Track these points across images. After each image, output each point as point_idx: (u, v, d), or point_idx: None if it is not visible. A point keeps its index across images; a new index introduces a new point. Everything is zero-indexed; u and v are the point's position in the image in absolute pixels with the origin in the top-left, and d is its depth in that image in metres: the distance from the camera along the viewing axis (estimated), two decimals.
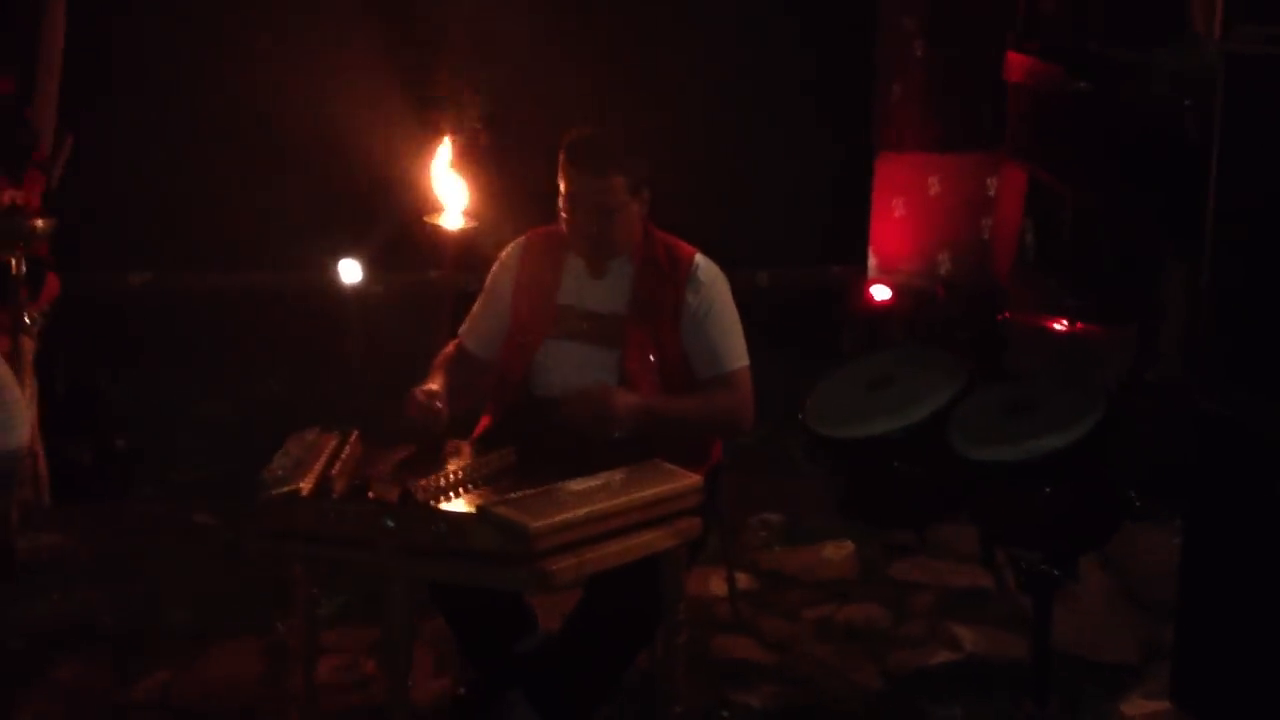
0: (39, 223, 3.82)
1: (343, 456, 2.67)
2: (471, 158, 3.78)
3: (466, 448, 2.77)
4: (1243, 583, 2.71)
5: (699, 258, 2.96)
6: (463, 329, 3.06)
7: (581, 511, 2.46)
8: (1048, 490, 2.62)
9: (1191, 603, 2.82)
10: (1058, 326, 4.63)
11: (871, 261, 5.39)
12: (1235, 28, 2.80)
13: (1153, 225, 4.06)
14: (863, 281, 5.34)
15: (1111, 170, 4.23)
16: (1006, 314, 4.91)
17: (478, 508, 2.45)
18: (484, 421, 2.99)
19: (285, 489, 2.55)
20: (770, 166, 5.45)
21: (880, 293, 5.25)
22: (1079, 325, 4.57)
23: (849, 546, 3.76)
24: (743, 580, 3.52)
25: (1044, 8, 5.03)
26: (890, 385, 2.89)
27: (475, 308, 3.07)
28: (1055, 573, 2.66)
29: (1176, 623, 2.85)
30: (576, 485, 2.54)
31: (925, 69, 5.33)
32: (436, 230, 3.71)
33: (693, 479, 2.64)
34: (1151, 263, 4.22)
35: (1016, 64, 5.00)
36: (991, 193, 5.31)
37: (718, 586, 3.45)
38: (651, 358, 2.89)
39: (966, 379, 2.86)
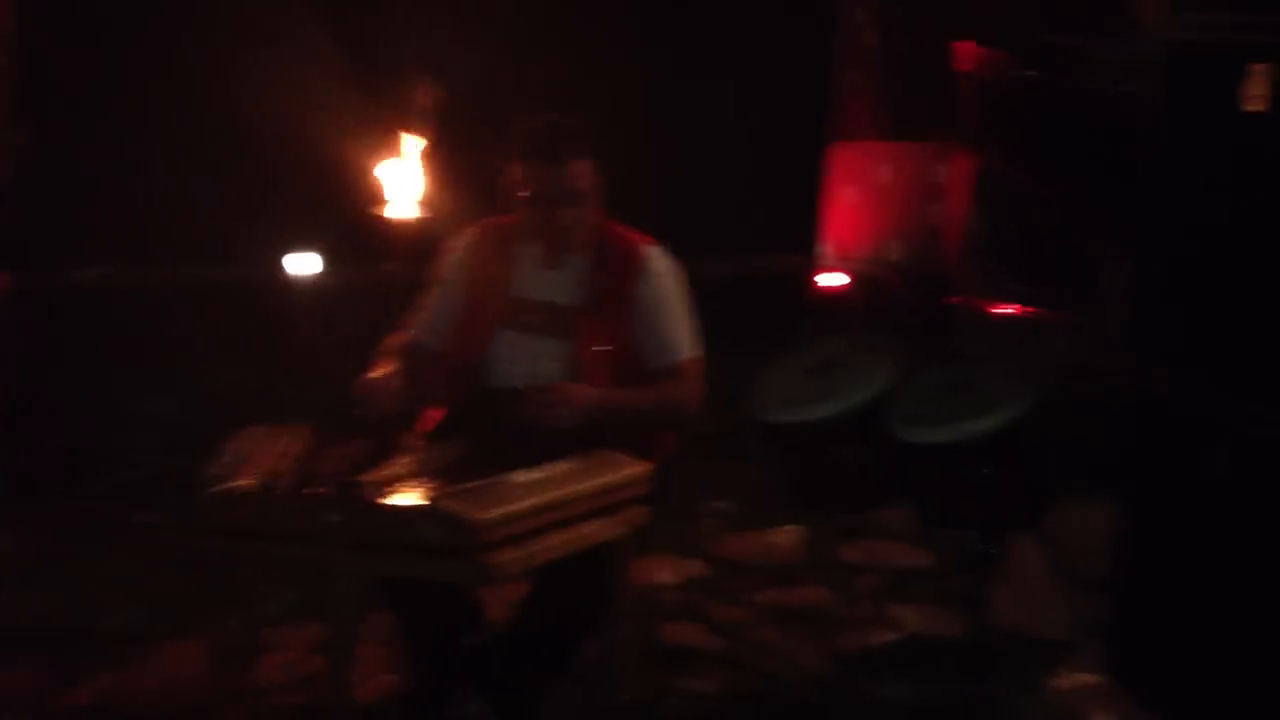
0: None
1: (291, 452, 2.66)
2: (424, 149, 3.78)
3: (417, 440, 2.77)
4: (1175, 559, 2.77)
5: (652, 248, 2.97)
6: (413, 321, 3.06)
7: (528, 503, 2.46)
8: (981, 471, 2.66)
9: (1126, 579, 2.88)
10: (1006, 312, 4.68)
11: (825, 249, 5.41)
12: (1178, 16, 2.84)
13: (1097, 211, 4.11)
14: (817, 269, 5.36)
15: (1057, 157, 4.28)
16: (956, 299, 4.96)
17: (422, 501, 2.45)
18: (436, 413, 2.99)
19: (228, 485, 2.54)
20: (725, 155, 5.46)
21: (834, 280, 5.27)
22: (1027, 310, 4.63)
23: (798, 531, 3.79)
24: (693, 567, 3.54)
25: None
26: (831, 371, 2.92)
27: (425, 299, 3.07)
28: (990, 551, 2.71)
29: (1112, 599, 2.91)
30: (523, 476, 2.54)
31: (878, 58, 5.35)
32: (386, 221, 3.72)
33: (640, 468, 2.65)
34: (1096, 248, 4.27)
35: (966, 53, 5.04)
36: (943, 180, 5.34)
37: (668, 574, 3.48)
38: (604, 349, 2.89)
39: (906, 363, 2.90)
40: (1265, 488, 2.59)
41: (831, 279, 5.24)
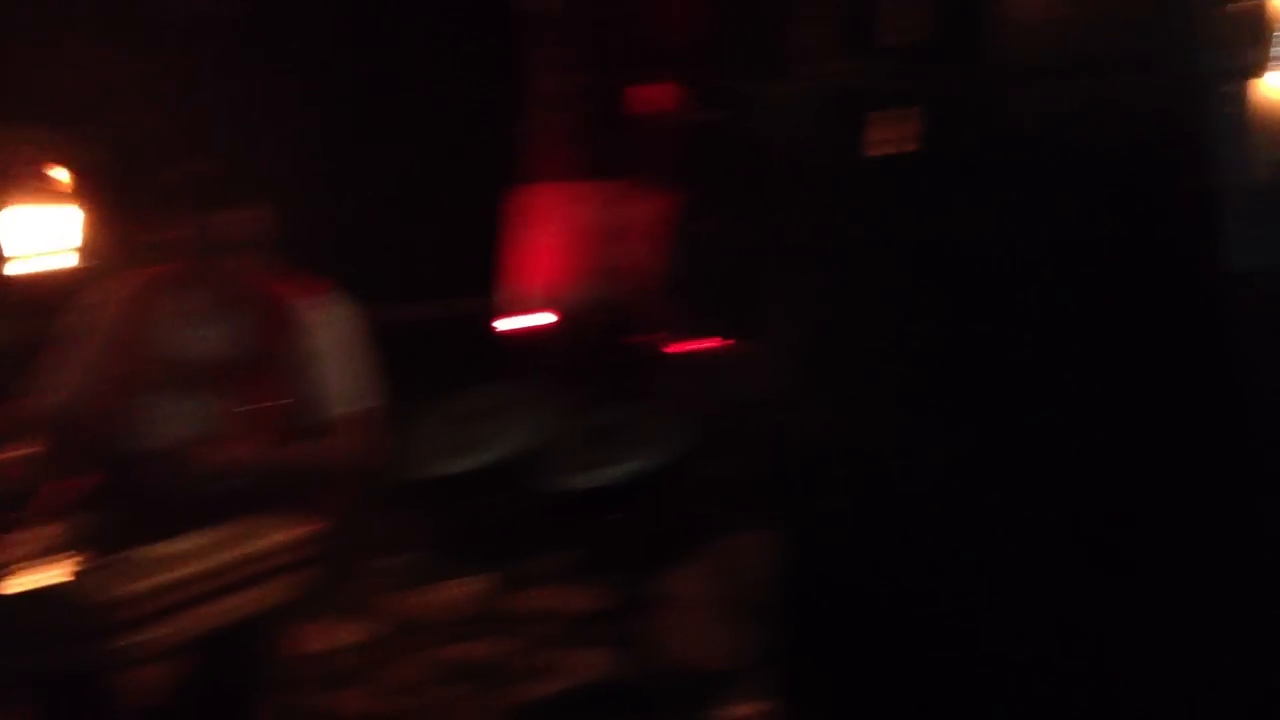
0: None
1: None
2: (73, 198, 3.55)
3: (56, 514, 2.57)
4: (836, 584, 2.87)
5: (319, 296, 2.87)
6: (51, 382, 2.83)
7: (172, 576, 2.33)
8: (640, 511, 2.69)
9: (791, 606, 2.97)
10: (696, 347, 4.79)
11: (519, 291, 5.41)
12: (824, 62, 2.97)
13: (772, 248, 4.25)
14: (511, 311, 5.35)
15: (735, 195, 4.43)
16: (649, 337, 5.04)
17: (51, 582, 2.27)
18: (79, 483, 2.78)
19: None
20: (412, 197, 5.39)
21: (528, 322, 5.28)
22: (714, 344, 4.74)
23: (474, 583, 3.76)
24: (368, 628, 3.45)
25: (674, 40, 5.21)
26: (486, 419, 2.91)
27: (65, 358, 2.85)
28: (656, 590, 2.74)
29: (777, 626, 2.99)
30: (170, 547, 2.40)
31: (568, 99, 5.41)
32: (22, 276, 3.46)
33: (298, 531, 2.55)
34: (774, 282, 4.42)
35: (652, 93, 5.18)
36: (635, 219, 5.44)
37: (341, 637, 3.37)
38: (266, 404, 2.77)
39: (562, 409, 2.91)
40: (923, 509, 2.71)
41: (523, 321, 5.24)
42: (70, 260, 3.15)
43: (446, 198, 5.41)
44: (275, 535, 2.52)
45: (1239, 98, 2.62)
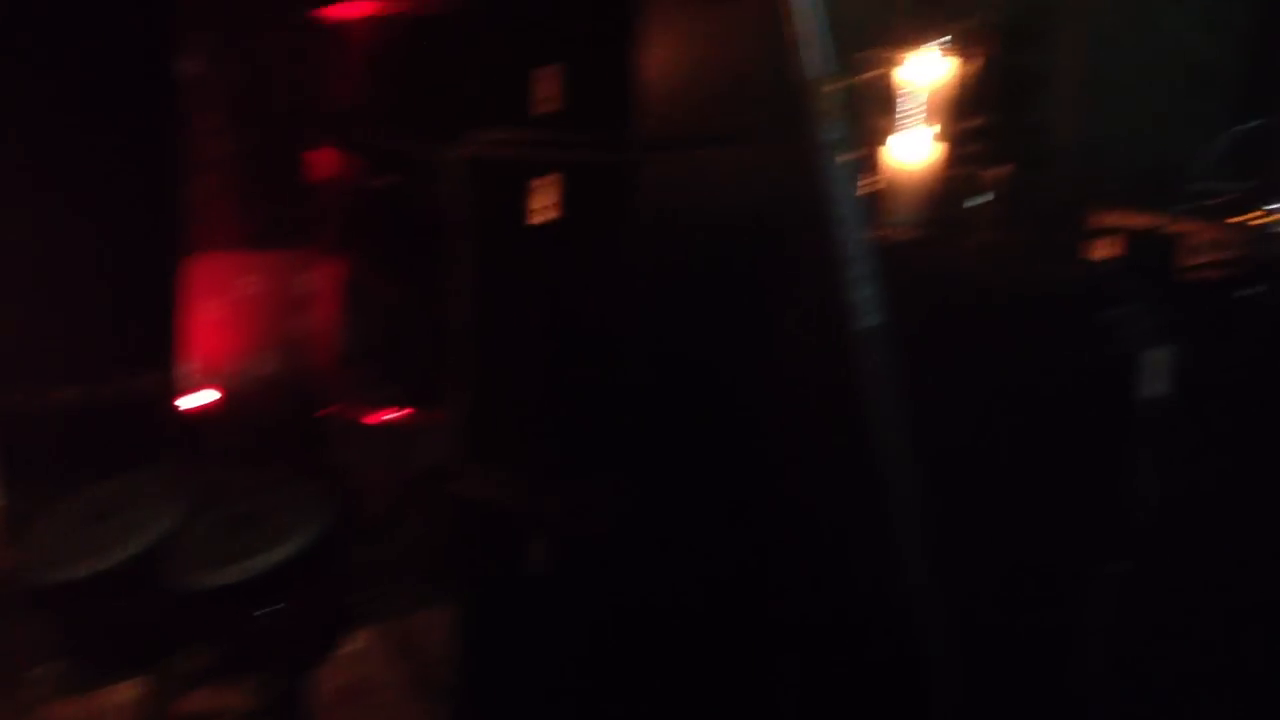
0: None
1: None
2: None
3: None
4: (511, 655, 2.85)
5: None
6: None
7: None
8: (287, 599, 2.61)
9: (470, 681, 2.93)
10: (379, 418, 4.70)
11: (189, 367, 5.17)
12: (467, 133, 3.02)
13: (443, 314, 4.23)
14: (181, 390, 5.10)
15: (409, 259, 4.39)
16: (331, 409, 4.91)
17: None
18: None
19: None
20: (64, 268, 5.04)
21: (198, 399, 5.04)
22: (398, 414, 4.67)
23: (139, 686, 3.51)
24: None
25: (345, 104, 5.14)
26: (112, 516, 2.76)
27: None
28: (294, 686, 2.65)
29: (459, 702, 2.94)
30: None
31: (232, 165, 5.23)
32: None
33: None
34: (442, 351, 4.39)
35: (322, 160, 5.08)
36: (310, 289, 5.31)
37: None
38: None
39: (206, 495, 2.79)
40: (580, 579, 2.73)
41: (196, 398, 5.01)
42: None
43: (108, 271, 5.09)
44: None
45: (863, 165, 2.81)
